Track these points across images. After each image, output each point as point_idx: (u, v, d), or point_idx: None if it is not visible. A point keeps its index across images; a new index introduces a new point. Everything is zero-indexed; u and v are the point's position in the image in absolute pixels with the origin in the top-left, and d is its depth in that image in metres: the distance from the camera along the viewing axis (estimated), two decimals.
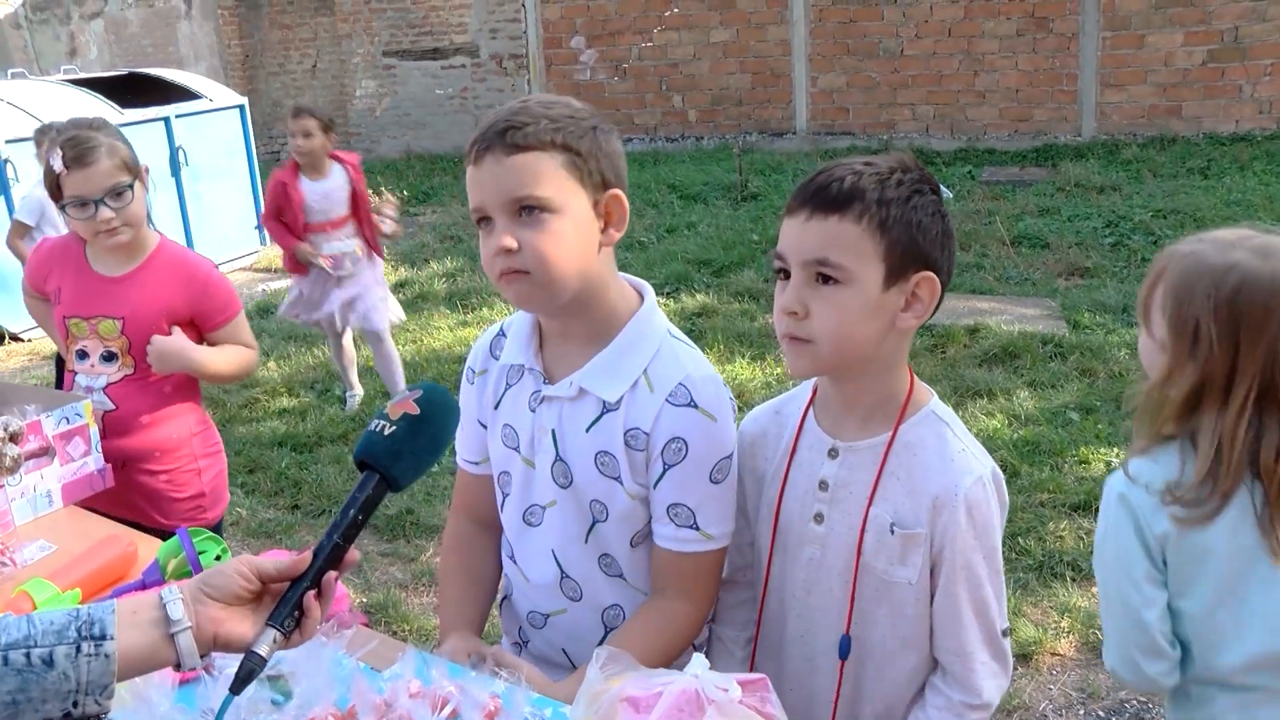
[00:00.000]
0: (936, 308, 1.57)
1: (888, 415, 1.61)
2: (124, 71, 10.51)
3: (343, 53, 14.66)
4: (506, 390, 1.76)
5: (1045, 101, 11.30)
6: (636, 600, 1.75)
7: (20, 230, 5.73)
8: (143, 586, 1.97)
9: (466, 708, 1.40)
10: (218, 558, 2.05)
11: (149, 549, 2.13)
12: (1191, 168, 9.67)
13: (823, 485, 1.65)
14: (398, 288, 7.81)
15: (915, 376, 1.65)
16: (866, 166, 1.53)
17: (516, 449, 1.74)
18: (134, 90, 9.41)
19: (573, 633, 1.78)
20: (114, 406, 2.77)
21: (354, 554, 1.32)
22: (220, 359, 2.85)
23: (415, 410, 1.33)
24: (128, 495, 2.78)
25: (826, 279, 1.50)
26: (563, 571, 1.75)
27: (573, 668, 1.75)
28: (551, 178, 1.53)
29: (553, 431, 1.69)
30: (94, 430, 2.57)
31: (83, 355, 2.80)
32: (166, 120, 8.95)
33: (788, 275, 1.54)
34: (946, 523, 1.55)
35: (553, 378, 1.70)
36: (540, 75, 13.38)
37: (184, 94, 9.54)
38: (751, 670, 1.75)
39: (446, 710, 1.42)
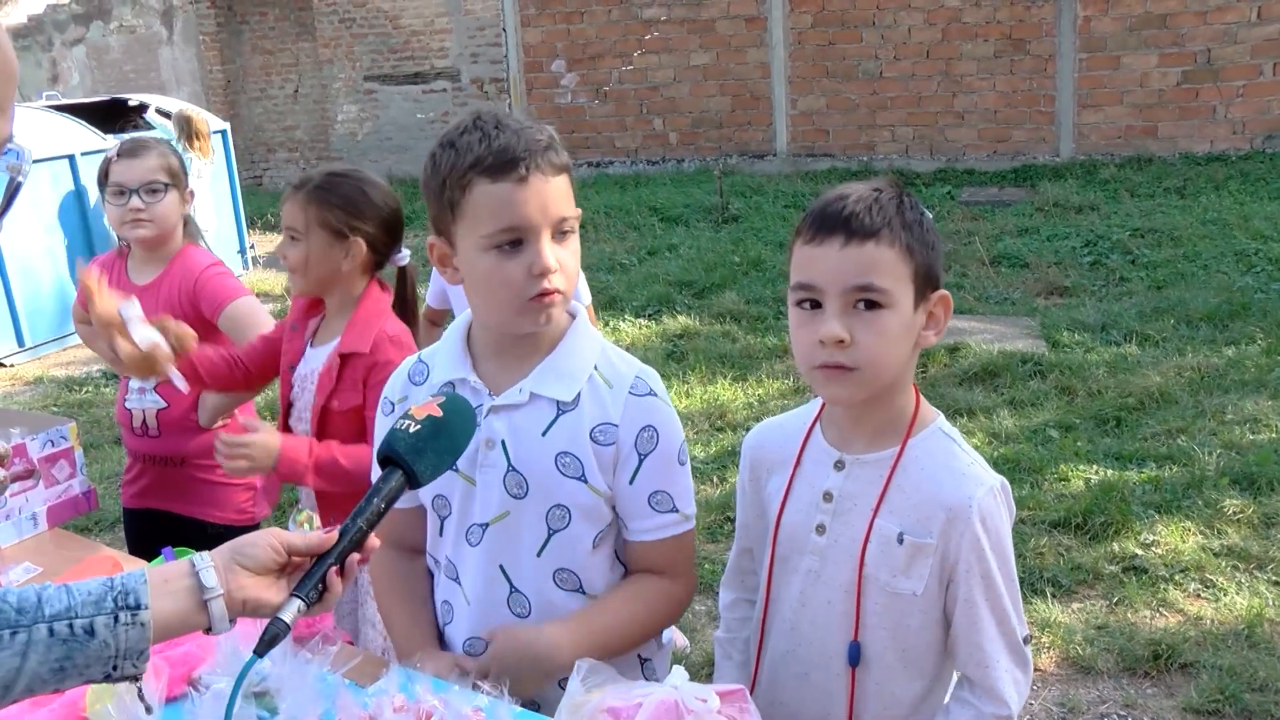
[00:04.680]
0: None
1: (896, 430, 1.64)
2: (106, 98, 10.50)
3: (324, 78, 14.70)
4: None
5: (1023, 122, 11.41)
6: None
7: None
8: None
9: None
10: None
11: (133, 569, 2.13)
12: (1168, 187, 9.78)
13: (827, 496, 1.66)
14: None
15: (921, 395, 1.67)
16: (877, 192, 1.56)
17: (454, 468, 1.71)
18: (117, 116, 9.41)
19: None
20: (166, 404, 2.90)
21: (374, 540, 1.38)
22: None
23: (439, 413, 1.39)
24: (188, 491, 2.90)
25: (870, 304, 1.52)
26: (512, 586, 1.74)
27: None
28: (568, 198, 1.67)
29: (503, 442, 1.69)
30: (79, 453, 2.59)
31: None
32: None
33: (813, 304, 1.55)
34: (962, 534, 1.56)
35: (495, 390, 1.71)
36: (521, 99, 13.43)
37: (166, 119, 9.52)
38: (754, 682, 1.77)
39: None
